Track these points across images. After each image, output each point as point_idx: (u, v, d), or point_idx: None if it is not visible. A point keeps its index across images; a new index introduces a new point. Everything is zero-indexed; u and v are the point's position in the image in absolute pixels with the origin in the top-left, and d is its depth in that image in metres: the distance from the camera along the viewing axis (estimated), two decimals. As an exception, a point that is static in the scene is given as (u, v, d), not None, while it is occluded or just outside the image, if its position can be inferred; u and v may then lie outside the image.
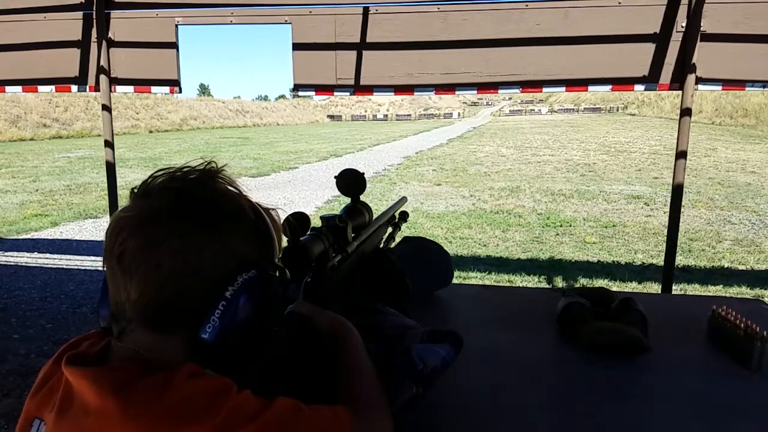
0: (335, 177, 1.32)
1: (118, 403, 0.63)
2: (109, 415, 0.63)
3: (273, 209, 0.83)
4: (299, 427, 0.69)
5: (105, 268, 0.73)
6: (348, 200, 1.33)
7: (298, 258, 0.96)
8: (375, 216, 1.41)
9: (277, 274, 0.78)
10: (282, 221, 0.88)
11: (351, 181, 1.32)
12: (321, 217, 1.12)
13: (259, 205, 0.80)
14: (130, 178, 11.37)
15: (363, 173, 1.33)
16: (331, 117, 71.00)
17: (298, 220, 0.97)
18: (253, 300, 0.72)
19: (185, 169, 0.76)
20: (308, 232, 1.03)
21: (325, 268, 1.06)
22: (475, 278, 5.06)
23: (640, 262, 5.60)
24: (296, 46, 3.60)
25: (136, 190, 0.74)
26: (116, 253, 0.70)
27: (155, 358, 0.69)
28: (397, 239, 1.63)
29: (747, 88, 3.27)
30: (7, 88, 4.09)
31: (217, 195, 0.75)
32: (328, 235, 1.09)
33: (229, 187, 0.78)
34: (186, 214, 0.71)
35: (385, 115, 70.62)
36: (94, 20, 3.70)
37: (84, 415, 0.66)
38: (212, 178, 0.76)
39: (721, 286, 4.85)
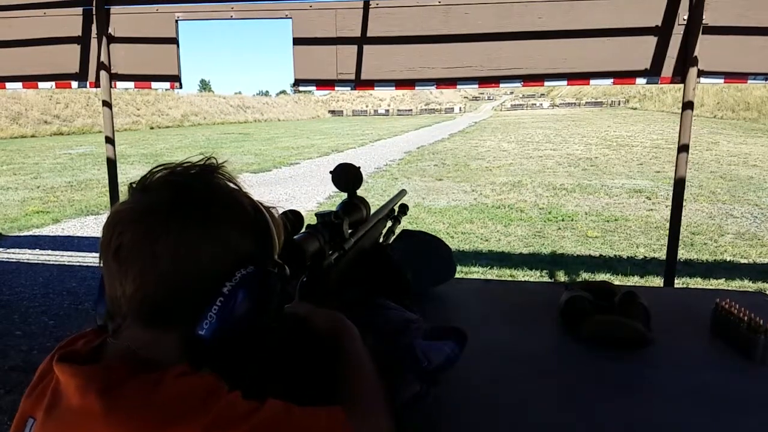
0: (330, 172, 1.32)
1: (102, 403, 0.62)
2: (93, 415, 0.62)
3: (273, 208, 0.82)
4: (291, 430, 0.68)
5: (101, 263, 0.72)
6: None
7: (292, 257, 0.94)
8: (374, 210, 1.41)
9: (276, 271, 0.77)
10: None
11: (346, 176, 1.31)
12: (316, 214, 1.11)
13: (260, 203, 0.79)
14: (131, 174, 11.36)
15: (359, 167, 1.32)
16: (332, 112, 70.87)
17: (291, 218, 0.96)
18: (251, 296, 0.71)
19: (185, 165, 0.75)
20: (303, 230, 1.02)
21: (322, 267, 1.05)
22: (477, 273, 5.06)
23: (642, 256, 5.60)
24: (297, 41, 3.58)
25: (134, 185, 0.74)
26: (113, 247, 0.69)
27: (149, 357, 0.68)
28: (397, 233, 1.62)
29: (749, 81, 3.26)
30: (8, 85, 4.07)
31: (215, 190, 0.74)
32: (324, 232, 1.07)
33: (229, 183, 0.77)
34: (184, 208, 0.70)
35: (387, 110, 70.48)
36: (94, 16, 3.69)
37: (69, 414, 0.65)
38: (212, 173, 0.75)
39: (724, 279, 4.85)
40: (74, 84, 3.93)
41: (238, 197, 0.76)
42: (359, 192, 1.37)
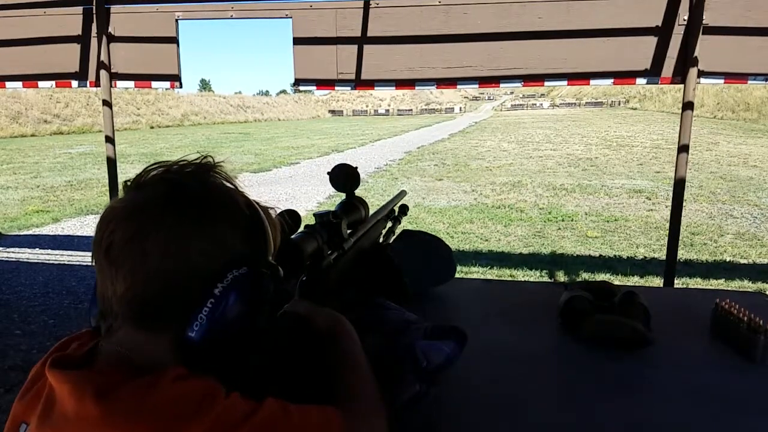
0: (328, 173, 1.31)
1: (98, 409, 0.61)
2: (90, 421, 0.61)
3: (271, 208, 0.81)
4: (288, 429, 0.67)
5: (93, 262, 0.71)
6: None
7: (289, 256, 0.94)
8: (373, 210, 1.41)
9: (270, 272, 0.75)
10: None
11: (344, 177, 1.31)
12: (314, 214, 1.11)
13: (257, 203, 0.78)
14: (131, 173, 11.13)
15: (356, 168, 1.32)
16: (333, 112, 70.84)
17: (288, 219, 0.95)
18: (243, 298, 0.69)
19: (180, 163, 0.74)
20: (301, 230, 1.02)
21: (321, 266, 1.05)
22: (477, 273, 5.05)
23: (642, 256, 5.60)
24: (297, 41, 3.58)
25: (129, 183, 0.73)
26: (104, 245, 0.68)
27: (142, 360, 0.67)
28: (397, 233, 1.62)
29: (749, 82, 3.26)
30: (8, 84, 4.08)
31: (211, 189, 0.73)
32: (322, 232, 1.07)
33: (225, 183, 0.75)
34: (178, 206, 0.69)
35: (387, 110, 70.49)
36: (94, 15, 3.69)
37: (64, 421, 0.63)
38: (207, 172, 0.74)
39: (723, 279, 4.84)
40: (74, 83, 3.93)
41: (233, 196, 0.75)
42: (358, 192, 1.37)
